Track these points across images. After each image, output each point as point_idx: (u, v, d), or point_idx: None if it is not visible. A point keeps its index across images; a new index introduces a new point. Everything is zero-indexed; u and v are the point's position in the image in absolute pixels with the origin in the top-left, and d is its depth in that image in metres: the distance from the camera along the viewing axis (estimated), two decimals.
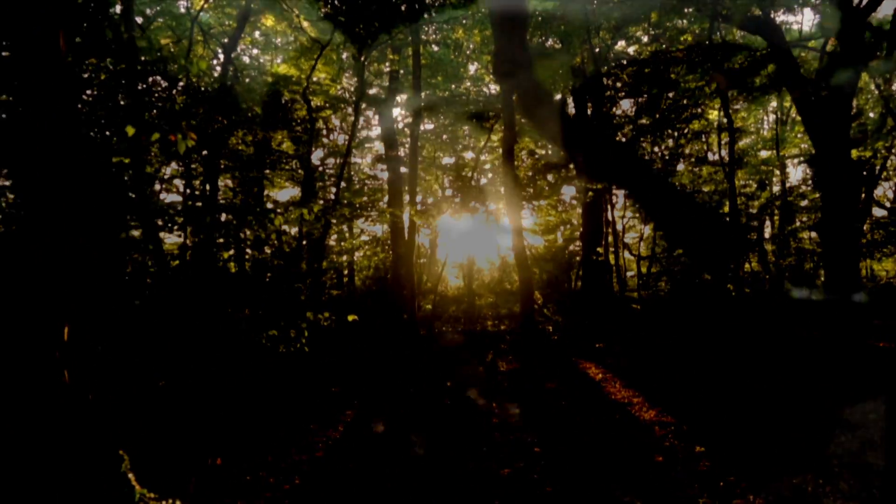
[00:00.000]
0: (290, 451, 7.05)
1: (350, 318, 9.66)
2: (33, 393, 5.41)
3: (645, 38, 18.52)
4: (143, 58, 17.53)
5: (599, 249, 20.20)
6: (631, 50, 21.91)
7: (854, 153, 13.96)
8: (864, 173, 21.33)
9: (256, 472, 6.27)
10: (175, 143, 4.20)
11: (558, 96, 26.31)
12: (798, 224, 28.55)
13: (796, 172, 31.20)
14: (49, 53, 5.41)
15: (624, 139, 20.66)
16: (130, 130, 4.00)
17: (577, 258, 32.33)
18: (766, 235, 31.91)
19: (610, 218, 24.08)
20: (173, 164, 28.36)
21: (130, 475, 3.19)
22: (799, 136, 28.89)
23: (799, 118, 27.97)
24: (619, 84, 21.27)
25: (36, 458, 4.55)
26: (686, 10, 15.26)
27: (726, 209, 30.60)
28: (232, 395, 9.97)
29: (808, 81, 14.11)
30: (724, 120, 19.79)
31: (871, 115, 23.22)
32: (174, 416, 8.43)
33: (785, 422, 7.93)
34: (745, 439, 7.24)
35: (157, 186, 30.31)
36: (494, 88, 23.79)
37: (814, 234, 31.45)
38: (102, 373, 7.26)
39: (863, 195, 22.34)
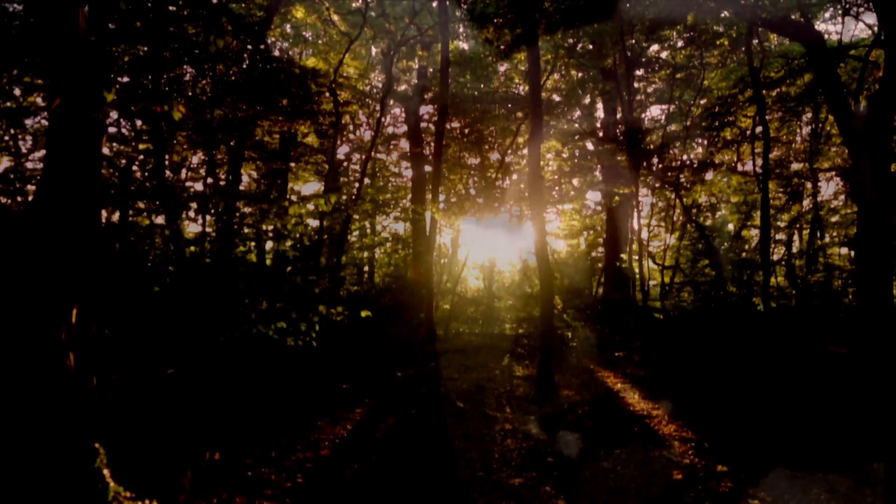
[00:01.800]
0: (295, 448, 6.87)
1: (363, 314, 9.48)
2: (35, 376, 5.27)
3: (679, 43, 18.13)
4: (173, 45, 17.56)
5: (624, 256, 19.80)
6: (664, 55, 21.49)
7: (894, 167, 13.42)
8: None
9: (258, 469, 6.09)
10: (162, 114, 4.01)
11: (587, 98, 25.98)
12: (828, 239, 27.82)
13: (828, 187, 30.49)
14: (68, 28, 5.26)
15: (651, 146, 20.27)
16: (109, 97, 3.81)
17: (600, 265, 31.93)
18: (794, 250, 31.22)
19: (635, 226, 23.66)
20: (200, 154, 28.50)
21: (106, 471, 2.99)
22: (833, 149, 28.18)
23: (834, 131, 27.31)
24: (650, 89, 20.89)
25: (24, 446, 4.39)
26: (723, 14, 14.86)
27: (755, 220, 30.00)
28: (238, 388, 9.83)
29: (848, 92, 13.65)
30: (759, 128, 19.28)
31: None
32: (178, 406, 8.30)
33: (811, 442, 7.58)
34: (769, 459, 6.91)
35: (184, 174, 30.49)
36: (524, 88, 23.49)
37: (843, 251, 30.72)
38: (109, 358, 7.14)
39: None
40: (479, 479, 6.20)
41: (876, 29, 16.97)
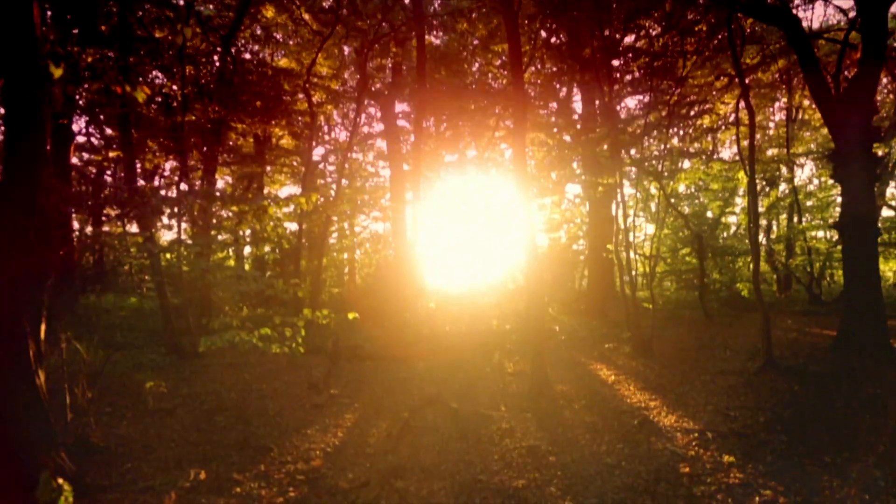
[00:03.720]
0: (285, 460, 6.55)
1: (350, 315, 9.18)
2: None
3: (655, 31, 17.99)
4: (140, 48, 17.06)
5: (609, 246, 19.68)
6: (640, 45, 21.38)
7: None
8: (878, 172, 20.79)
9: (247, 485, 5.77)
10: (123, 96, 3.68)
11: (563, 91, 25.83)
12: (805, 224, 28.02)
13: (803, 172, 30.70)
14: (21, 24, 4.89)
15: (631, 134, 20.14)
16: (57, 73, 3.46)
17: (582, 257, 31.88)
18: (773, 235, 31.41)
19: (617, 216, 23.57)
20: (173, 161, 27.88)
21: None
22: (808, 133, 28.38)
23: (807, 116, 27.50)
24: (627, 78, 20.76)
25: None
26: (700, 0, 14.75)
27: (734, 207, 30.13)
28: (220, 399, 9.49)
29: (826, 74, 13.61)
30: (742, 114, 19.24)
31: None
32: (159, 423, 7.95)
33: (815, 427, 7.44)
34: (774, 447, 6.74)
35: (157, 182, 29.85)
36: (500, 82, 23.28)
37: (821, 234, 31.00)
38: (82, 374, 6.77)
39: None
40: (481, 482, 5.94)
41: (852, 14, 17.06)
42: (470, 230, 21.76)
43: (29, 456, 4.61)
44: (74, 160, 22.87)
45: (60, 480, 2.74)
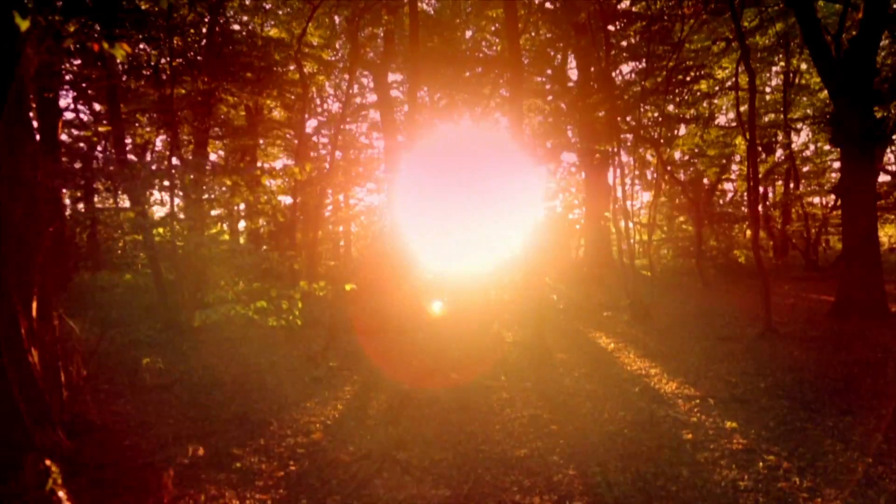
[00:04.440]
0: (285, 434, 6.48)
1: (347, 287, 9.09)
2: None
3: None
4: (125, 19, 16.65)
5: (607, 214, 19.58)
6: (637, 9, 21.04)
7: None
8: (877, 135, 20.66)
9: (247, 460, 5.71)
10: (100, 53, 3.49)
11: (558, 57, 25.47)
12: (802, 189, 27.94)
13: (799, 138, 30.57)
14: None
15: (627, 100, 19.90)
16: (24, 25, 3.26)
17: (578, 226, 31.82)
18: (769, 202, 31.35)
19: (613, 184, 23.44)
20: (164, 136, 27.55)
21: (62, 493, 2.58)
22: (804, 98, 28.13)
23: (804, 81, 27.23)
24: (623, 43, 20.46)
25: None
26: None
27: (730, 174, 29.99)
28: (219, 374, 9.42)
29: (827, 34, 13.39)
30: (740, 77, 19.00)
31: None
32: (155, 400, 7.88)
33: (815, 388, 7.43)
34: (775, 411, 6.72)
35: (149, 157, 29.51)
36: (494, 49, 22.92)
37: (817, 200, 30.95)
38: (77, 351, 6.66)
39: None
40: (483, 452, 5.90)
41: None
42: (466, 200, 21.59)
43: (22, 436, 4.52)
44: (64, 137, 22.54)
45: (48, 462, 2.64)
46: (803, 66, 25.82)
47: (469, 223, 19.88)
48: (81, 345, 7.42)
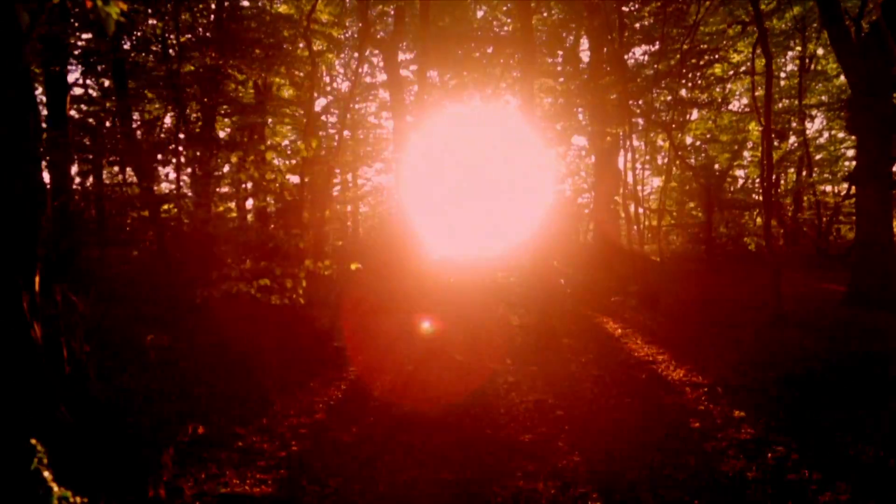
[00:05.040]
0: (287, 414, 6.44)
1: (353, 266, 9.00)
2: None
3: None
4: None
5: (617, 198, 19.38)
6: None
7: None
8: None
9: (249, 439, 5.66)
10: (93, 9, 3.36)
11: (570, 38, 25.12)
12: (815, 176, 27.56)
13: (813, 125, 30.09)
14: None
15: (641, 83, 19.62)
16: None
17: (587, 210, 31.57)
18: (781, 189, 30.99)
19: (623, 168, 23.17)
20: (172, 115, 27.37)
21: (47, 473, 2.51)
22: (819, 85, 27.66)
23: (819, 67, 26.77)
24: (637, 24, 20.14)
25: None
26: None
27: (743, 160, 29.64)
28: (223, 353, 9.38)
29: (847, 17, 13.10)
30: (756, 61, 18.63)
31: None
32: (157, 377, 7.84)
33: (824, 378, 7.31)
34: (785, 400, 6.62)
35: (157, 135, 29.40)
36: (506, 29, 22.61)
37: (829, 188, 30.57)
38: (80, 327, 6.59)
39: None
40: (487, 436, 5.84)
41: None
42: (475, 182, 21.43)
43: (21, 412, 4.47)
44: (73, 113, 22.46)
45: (33, 441, 2.57)
46: (820, 52, 25.37)
47: (477, 205, 19.74)
48: (85, 320, 7.37)
